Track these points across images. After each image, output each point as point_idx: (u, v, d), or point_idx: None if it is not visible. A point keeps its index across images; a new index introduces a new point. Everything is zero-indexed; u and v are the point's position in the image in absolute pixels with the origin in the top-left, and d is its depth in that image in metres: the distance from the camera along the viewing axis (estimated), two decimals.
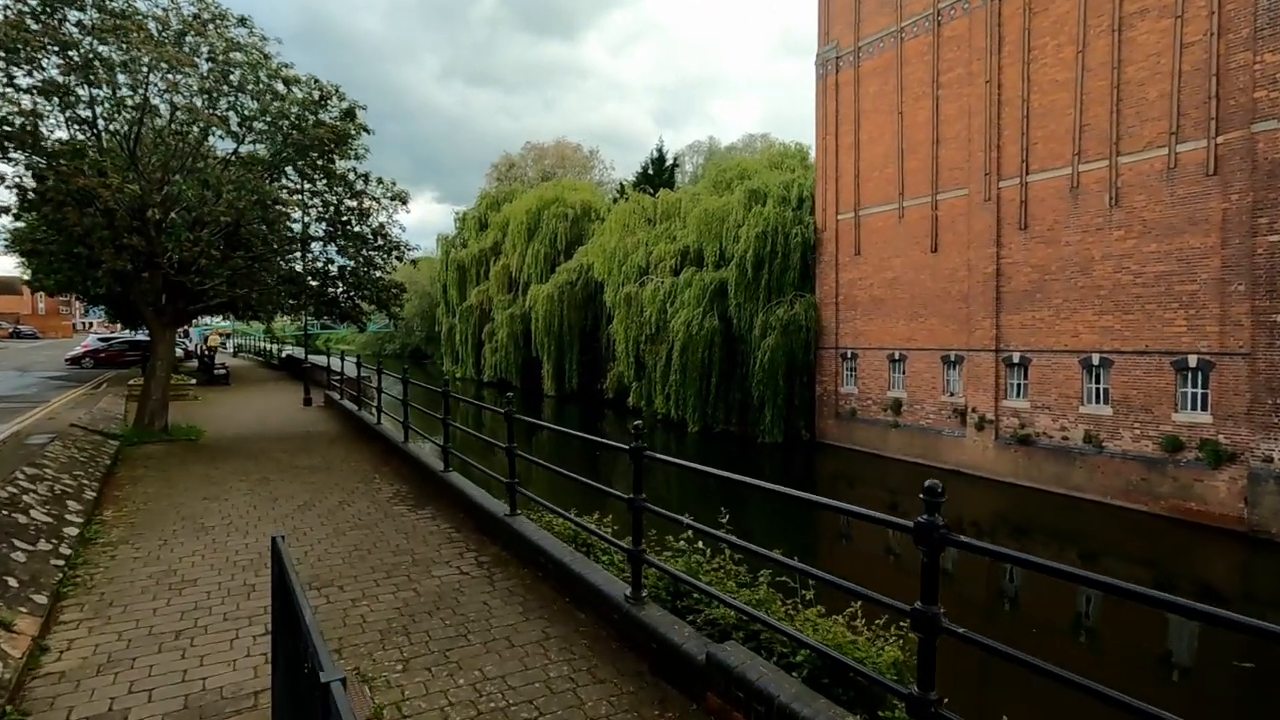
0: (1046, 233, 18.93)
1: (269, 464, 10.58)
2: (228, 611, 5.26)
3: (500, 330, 41.13)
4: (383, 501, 8.46)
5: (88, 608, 5.31)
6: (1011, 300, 19.76)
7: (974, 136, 20.48)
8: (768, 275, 25.79)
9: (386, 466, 10.37)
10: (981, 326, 20.39)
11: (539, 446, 25.42)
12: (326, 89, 11.79)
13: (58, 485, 7.80)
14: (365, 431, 12.91)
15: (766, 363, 24.86)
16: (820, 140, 25.50)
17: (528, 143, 54.05)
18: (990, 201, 20.09)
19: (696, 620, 4.41)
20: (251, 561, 6.33)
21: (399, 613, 5.25)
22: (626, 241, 32.80)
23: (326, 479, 9.63)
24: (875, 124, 23.55)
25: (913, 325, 22.53)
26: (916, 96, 22.22)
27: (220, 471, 10.06)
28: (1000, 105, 19.86)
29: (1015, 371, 19.85)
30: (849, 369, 24.87)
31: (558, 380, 37.50)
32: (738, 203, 27.51)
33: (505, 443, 6.74)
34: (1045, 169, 18.91)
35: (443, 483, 8.49)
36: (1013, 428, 19.72)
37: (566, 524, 6.64)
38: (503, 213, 44.17)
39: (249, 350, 44.92)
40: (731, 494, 14.44)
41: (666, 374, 28.66)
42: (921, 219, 22.17)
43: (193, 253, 10.66)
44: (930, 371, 22.07)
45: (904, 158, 22.60)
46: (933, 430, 21.85)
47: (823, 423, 25.56)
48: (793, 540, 15.01)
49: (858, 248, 24.25)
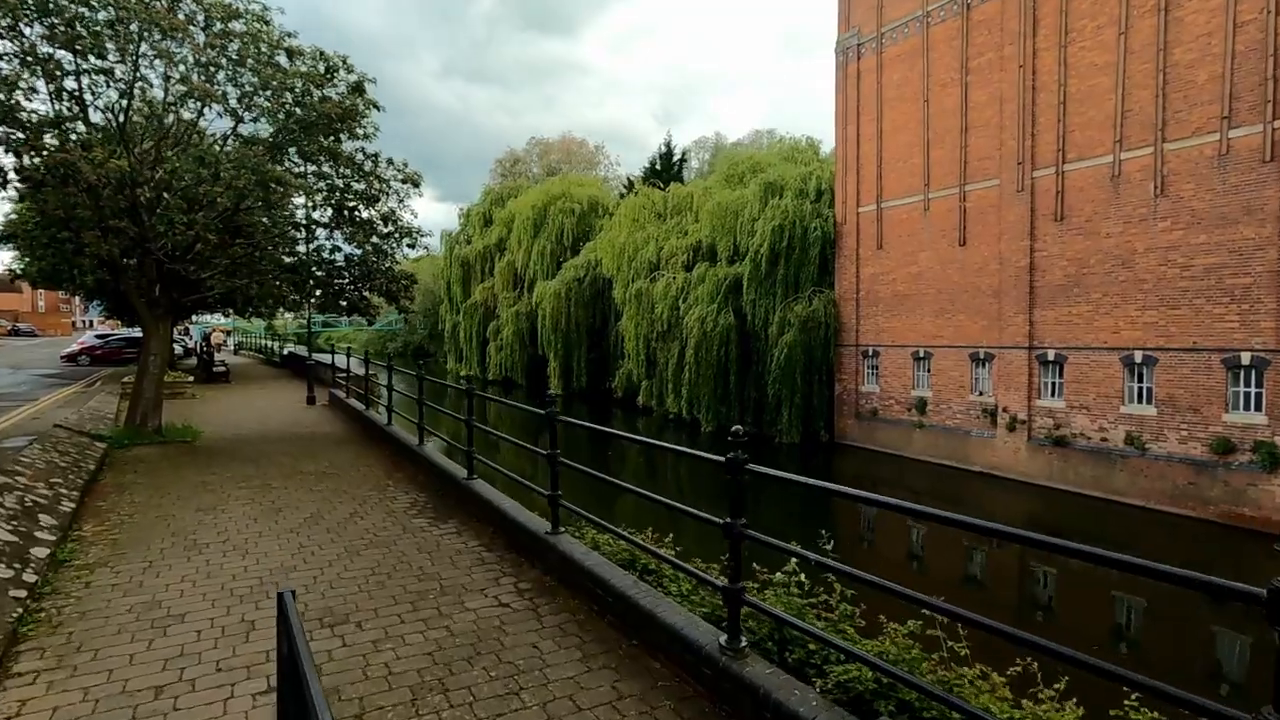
0: (1084, 224, 17.94)
1: (271, 469, 9.57)
2: (221, 659, 4.25)
3: (505, 328, 40.10)
4: (399, 513, 7.45)
5: (50, 654, 4.30)
6: (1046, 295, 18.78)
7: (1006, 124, 19.49)
8: (785, 270, 24.80)
9: (400, 472, 9.36)
10: (1013, 323, 19.41)
11: (571, 450, 24.36)
12: (332, 61, 10.75)
13: (29, 496, 6.79)
14: (375, 433, 11.90)
15: (784, 360, 23.87)
16: (840, 131, 24.49)
17: (533, 138, 53.06)
18: (1023, 192, 19.10)
19: (826, 683, 3.41)
20: (251, 590, 5.32)
21: (431, 660, 4.25)
22: (636, 236, 31.78)
23: (335, 486, 8.62)
24: (899, 113, 22.55)
25: (939, 321, 21.54)
26: (943, 84, 21.22)
27: (217, 478, 9.04)
28: (1035, 91, 18.87)
29: (1050, 370, 18.87)
30: (870, 367, 23.88)
31: (565, 379, 36.47)
32: (753, 196, 26.51)
33: (546, 449, 5.75)
34: (1084, 157, 17.93)
35: (467, 492, 7.48)
36: (1047, 428, 18.75)
37: (619, 545, 5.65)
38: (508, 208, 43.14)
39: (250, 348, 43.87)
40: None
41: (679, 372, 27.67)
42: (949, 211, 21.17)
43: (187, 237, 9.64)
44: (957, 370, 21.08)
45: (930, 148, 21.61)
46: (960, 431, 20.87)
47: (842, 423, 24.57)
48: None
49: (880, 241, 23.26)
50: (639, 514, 10.56)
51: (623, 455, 25.38)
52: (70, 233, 9.68)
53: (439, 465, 8.53)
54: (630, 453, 25.35)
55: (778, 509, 17.31)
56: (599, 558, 5.24)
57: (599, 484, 5.61)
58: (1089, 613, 13.79)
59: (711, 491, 19.44)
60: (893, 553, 16.80)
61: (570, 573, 5.31)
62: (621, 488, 4.97)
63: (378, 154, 11.55)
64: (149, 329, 11.44)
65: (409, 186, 11.87)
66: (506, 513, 6.48)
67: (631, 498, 5.90)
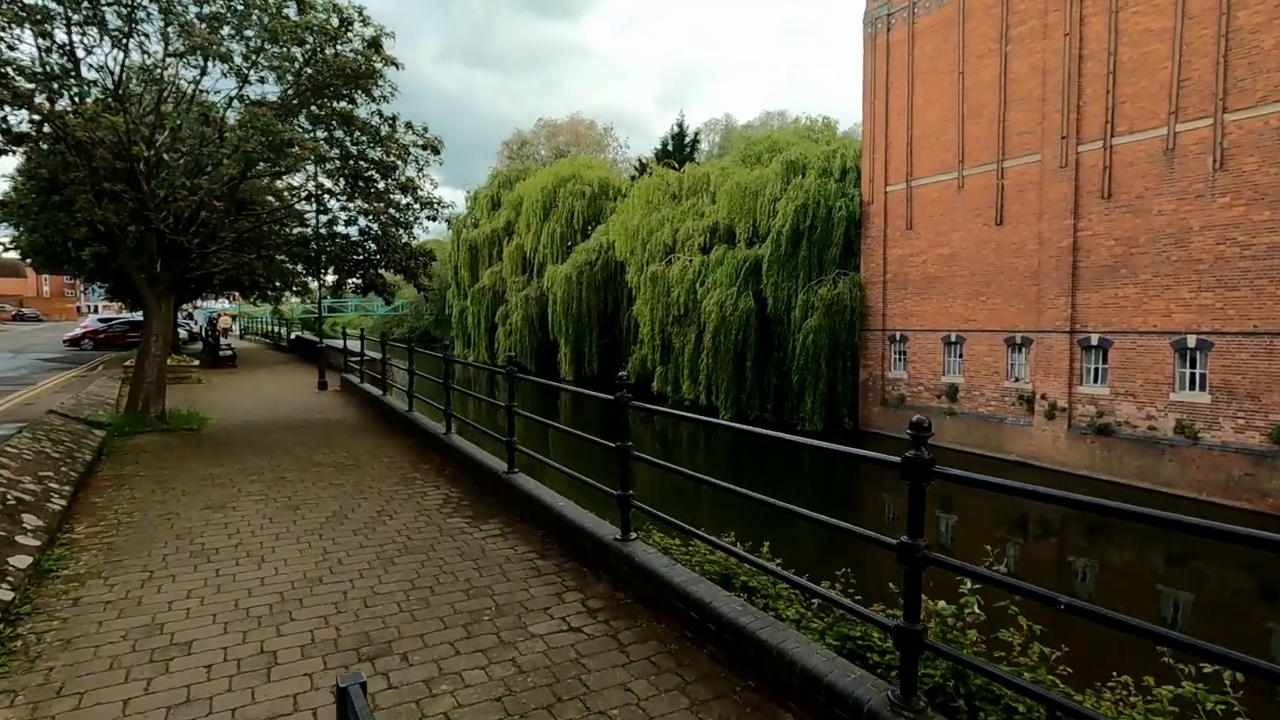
0: (1134, 201, 16.91)
1: (285, 460, 8.66)
2: (238, 707, 3.35)
3: (515, 313, 39.11)
4: (432, 511, 6.54)
5: (22, 699, 3.39)
6: (1090, 276, 17.78)
7: (1049, 96, 18.40)
8: (808, 252, 23.79)
9: (426, 463, 8.45)
10: (1054, 305, 18.42)
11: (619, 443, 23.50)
12: (347, 12, 9.73)
13: (12, 492, 5.88)
14: (394, 420, 11.00)
15: (809, 345, 22.93)
16: (867, 106, 23.38)
17: (540, 119, 51.73)
18: (1067, 168, 18.05)
19: None
20: (270, 609, 4.42)
21: (502, 708, 3.35)
22: (651, 218, 30.71)
23: (357, 480, 7.71)
24: (931, 86, 21.44)
25: (972, 305, 20.56)
26: (980, 54, 20.10)
27: (226, 470, 8.13)
28: (1081, 60, 17.77)
29: (1093, 354, 17.91)
30: (897, 352, 22.92)
31: (576, 365, 35.54)
32: (774, 175, 25.44)
33: (613, 441, 4.83)
34: (1134, 130, 16.87)
35: (508, 487, 6.58)
36: (1089, 416, 17.82)
37: (704, 554, 4.74)
38: (516, 191, 42.01)
39: (255, 333, 42.92)
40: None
41: (696, 358, 26.74)
42: (984, 189, 20.13)
43: (190, 204, 8.68)
44: (992, 355, 20.13)
45: (964, 122, 20.52)
46: (994, 418, 19.95)
47: (867, 410, 23.66)
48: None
49: (909, 221, 22.23)
50: (720, 517, 9.68)
51: (680, 442, 24.57)
52: (61, 197, 8.71)
53: (472, 457, 7.61)
54: (686, 439, 24.56)
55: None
56: (688, 572, 4.33)
57: (662, 477, 4.69)
58: (1131, 609, 13.01)
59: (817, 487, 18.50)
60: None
61: (651, 589, 4.40)
62: (739, 494, 3.97)
63: (395, 117, 10.52)
64: (150, 307, 10.50)
65: (429, 154, 10.85)
66: (562, 514, 5.56)
67: (706, 496, 5.00)
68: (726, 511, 16.32)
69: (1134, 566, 15.26)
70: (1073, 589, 14.64)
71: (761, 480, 20.51)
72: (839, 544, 7.64)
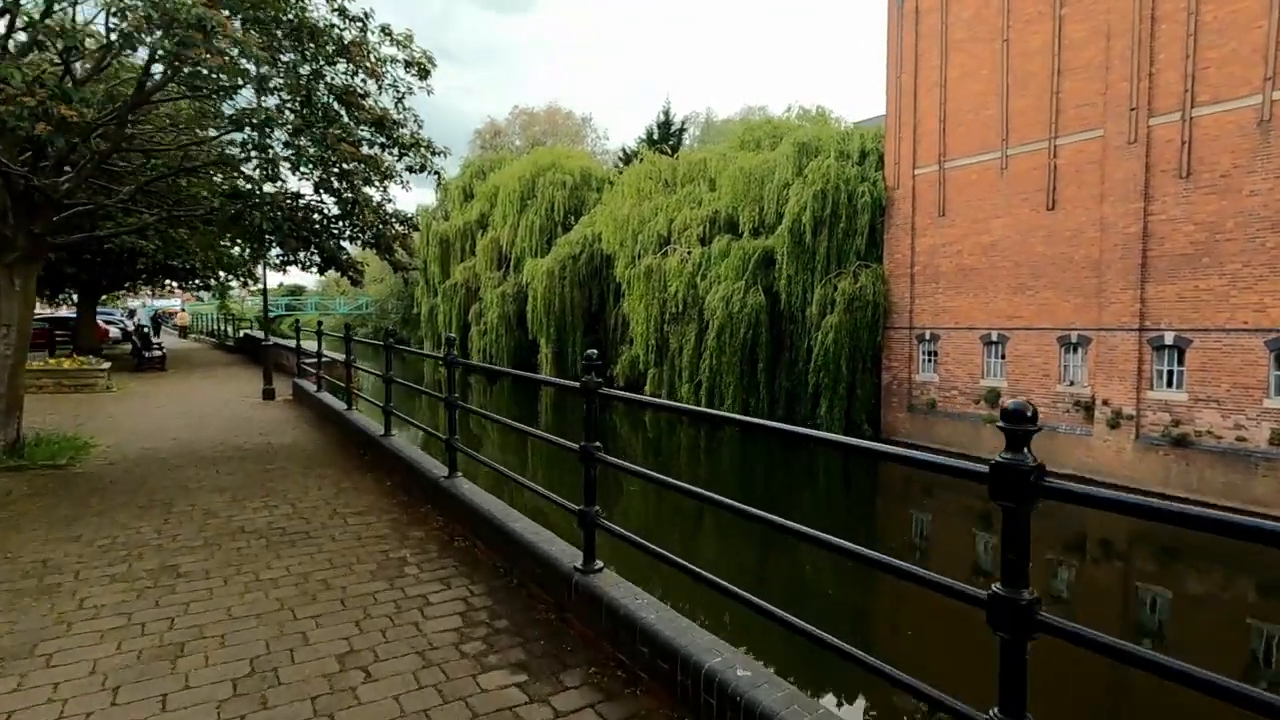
0: (1220, 180, 14.51)
1: (187, 525, 5.33)
2: None
3: (490, 311, 35.61)
4: (446, 652, 3.36)
5: None
6: (1164, 267, 15.35)
7: (1114, 64, 15.93)
8: (827, 242, 21.04)
9: (420, 528, 5.22)
10: (1119, 300, 15.96)
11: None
12: None
13: None
14: (363, 446, 7.73)
15: (829, 345, 20.17)
16: (893, 80, 20.72)
17: (516, 106, 48.24)
18: (1136, 144, 15.60)
19: None
20: None
21: None
22: (643, 208, 27.66)
23: (304, 567, 4.45)
24: (969, 56, 18.86)
25: (1017, 300, 18.02)
26: (1028, 19, 17.57)
27: (78, 549, 4.77)
28: (1154, 22, 15.33)
29: (1167, 355, 15.48)
30: (926, 353, 20.31)
31: (558, 366, 32.28)
32: (784, 158, 22.63)
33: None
34: (1220, 99, 14.47)
35: (588, 596, 3.43)
36: (1162, 425, 15.38)
37: None
38: (490, 181, 38.49)
39: (201, 331, 38.43)
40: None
41: (696, 359, 23.79)
42: (1033, 169, 17.60)
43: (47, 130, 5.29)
44: (1041, 355, 17.61)
45: (1009, 96, 17.97)
46: (1045, 427, 17.34)
47: (890, 416, 21.00)
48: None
49: (942, 208, 19.62)
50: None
51: (678, 450, 21.51)
52: None
53: (505, 527, 4.42)
54: (686, 446, 21.49)
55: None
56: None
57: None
58: (1217, 646, 10.66)
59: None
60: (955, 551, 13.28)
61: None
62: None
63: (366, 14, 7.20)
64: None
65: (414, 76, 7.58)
66: (689, 657, 2.45)
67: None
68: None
69: (1218, 596, 12.90)
70: (1140, 622, 12.15)
71: (780, 492, 17.68)
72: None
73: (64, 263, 16.34)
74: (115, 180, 8.49)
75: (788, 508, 15.46)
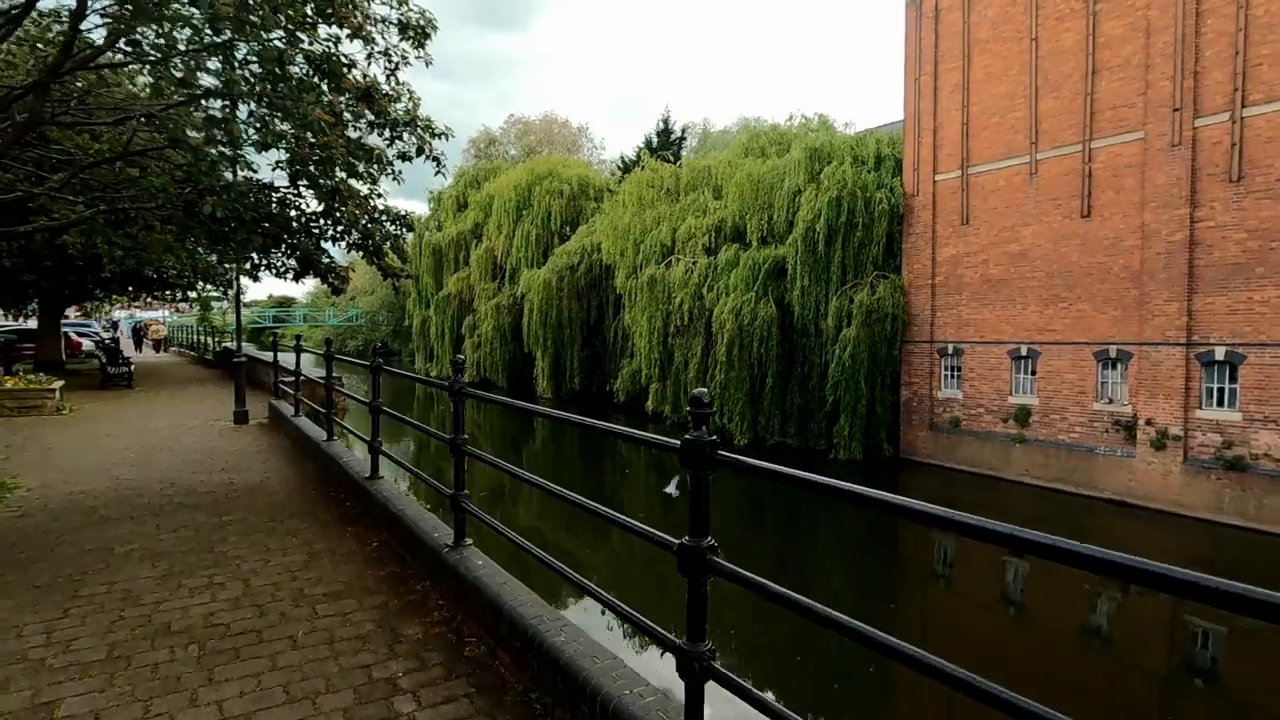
0: (1275, 184, 13.40)
1: (93, 616, 3.86)
2: None
3: (484, 323, 34.13)
4: None
5: None
6: (1213, 277, 14.19)
7: (1155, 62, 14.84)
8: (842, 252, 19.81)
9: (416, 621, 3.78)
10: (1163, 312, 14.78)
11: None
12: None
13: None
14: (346, 490, 6.28)
15: (847, 360, 18.87)
16: (911, 83, 19.59)
17: (511, 115, 46.91)
18: (1180, 146, 14.48)
19: None
20: None
21: None
22: (645, 217, 26.39)
23: (252, 696, 3.02)
24: (994, 56, 17.76)
25: (1049, 312, 16.81)
26: (1060, 16, 16.49)
27: None
28: (1199, 17, 14.26)
29: (1217, 371, 14.29)
30: (949, 368, 19.05)
31: (555, 380, 30.84)
32: (796, 164, 21.43)
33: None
34: (1274, 98, 13.38)
35: None
36: (1213, 447, 14.16)
37: None
38: (485, 191, 37.10)
39: (180, 343, 36.58)
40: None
41: (703, 372, 22.45)
42: (1065, 174, 16.46)
43: None
44: (1076, 371, 16.39)
45: (1038, 98, 16.86)
46: (1080, 447, 16.17)
47: (910, 435, 19.70)
48: None
49: (965, 216, 18.44)
50: None
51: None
52: None
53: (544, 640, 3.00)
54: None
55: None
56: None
57: None
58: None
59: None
60: (981, 587, 11.96)
61: None
62: None
63: None
64: None
65: (408, 44, 6.17)
66: None
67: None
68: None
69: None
70: (1189, 655, 10.84)
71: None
72: None
73: (21, 270, 14.78)
74: (56, 169, 7.04)
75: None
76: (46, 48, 5.96)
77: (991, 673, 1.43)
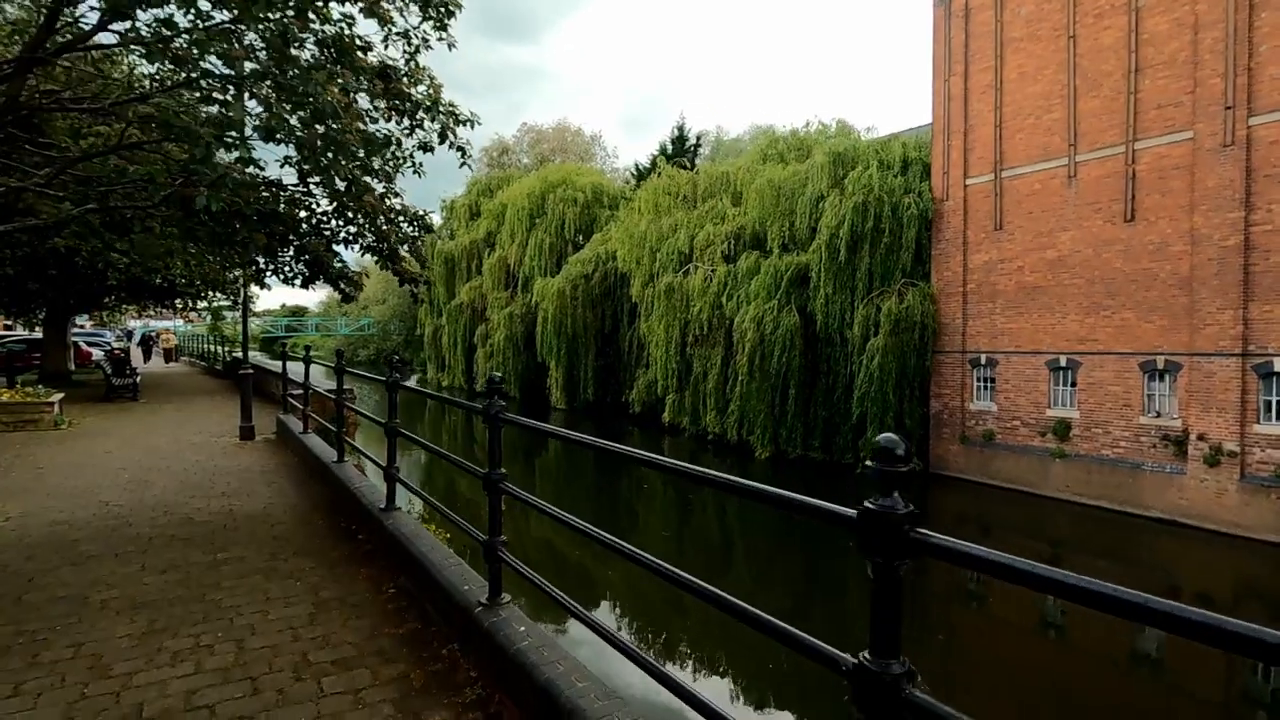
0: None
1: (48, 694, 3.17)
2: None
3: (497, 332, 33.51)
4: None
5: None
6: (1270, 284, 13.34)
7: (1204, 58, 14.06)
8: (869, 259, 19.05)
9: (443, 703, 3.06)
10: (1215, 321, 13.92)
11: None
12: None
13: None
14: (356, 520, 5.58)
15: (875, 371, 18.07)
16: (939, 85, 18.87)
17: (524, 123, 46.50)
18: (1232, 146, 13.67)
19: None
20: None
21: None
22: (662, 224, 25.74)
23: None
24: (1029, 55, 17.01)
25: (1090, 321, 15.97)
26: (1099, 12, 15.74)
27: None
28: (1252, 10, 13.49)
29: (1276, 384, 13.40)
30: (982, 379, 18.20)
31: (569, 390, 30.15)
32: (818, 169, 20.74)
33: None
34: None
35: None
36: (1273, 464, 13.26)
37: None
38: (497, 199, 36.62)
39: (191, 352, 36.17)
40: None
41: (723, 383, 21.72)
42: (1107, 176, 15.66)
43: None
44: (1120, 383, 15.52)
45: (1077, 98, 16.09)
46: (1125, 463, 15.28)
47: (941, 448, 18.82)
48: None
49: (999, 221, 17.65)
50: None
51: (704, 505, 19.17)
52: None
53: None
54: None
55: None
56: None
57: None
58: None
59: None
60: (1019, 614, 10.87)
61: None
62: None
63: None
64: None
65: (429, 25, 5.46)
66: None
67: None
68: None
69: None
70: (1247, 686, 9.90)
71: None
72: None
73: (26, 278, 14.24)
74: (41, 165, 6.41)
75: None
76: (31, 22, 5.38)
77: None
